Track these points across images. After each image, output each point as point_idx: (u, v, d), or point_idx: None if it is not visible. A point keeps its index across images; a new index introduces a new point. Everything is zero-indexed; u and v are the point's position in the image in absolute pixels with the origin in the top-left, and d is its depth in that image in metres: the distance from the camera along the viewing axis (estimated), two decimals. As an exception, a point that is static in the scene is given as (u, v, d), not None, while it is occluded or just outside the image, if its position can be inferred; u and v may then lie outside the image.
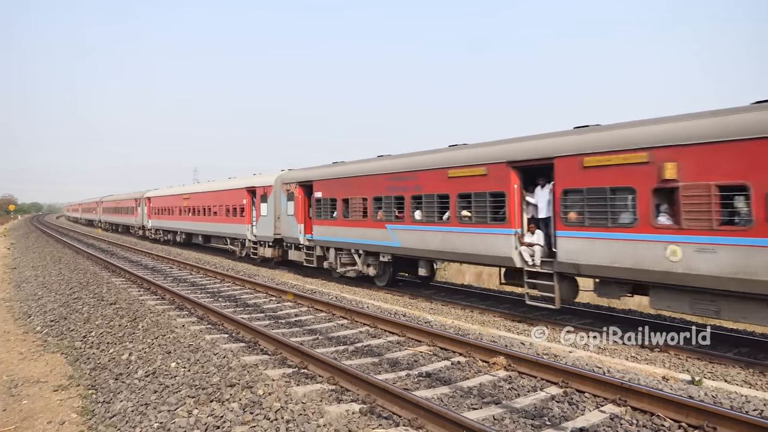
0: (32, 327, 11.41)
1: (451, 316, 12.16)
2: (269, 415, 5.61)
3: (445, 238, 13.06)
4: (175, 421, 5.64)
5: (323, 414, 5.67)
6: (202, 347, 8.33)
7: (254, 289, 15.03)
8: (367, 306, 12.44)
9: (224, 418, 5.59)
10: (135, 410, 6.23)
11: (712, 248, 8.13)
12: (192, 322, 10.58)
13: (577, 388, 6.64)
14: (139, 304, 12.19)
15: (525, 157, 11.20)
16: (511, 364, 7.49)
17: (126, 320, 10.73)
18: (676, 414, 5.69)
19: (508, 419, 5.83)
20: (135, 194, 44.81)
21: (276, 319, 11.23)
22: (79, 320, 11.25)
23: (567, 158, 10.20)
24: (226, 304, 12.90)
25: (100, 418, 6.34)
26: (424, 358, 8.26)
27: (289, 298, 13.30)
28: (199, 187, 32.80)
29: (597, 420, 5.76)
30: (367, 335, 9.76)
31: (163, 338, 9.14)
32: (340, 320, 10.97)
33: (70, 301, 13.26)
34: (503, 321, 11.67)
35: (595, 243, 9.71)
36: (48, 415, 6.61)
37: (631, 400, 6.06)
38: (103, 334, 9.98)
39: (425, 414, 5.47)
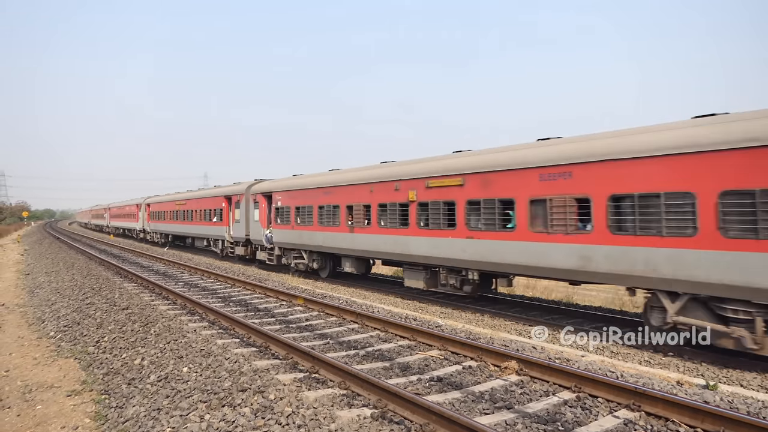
0: (46, 332, 11.51)
1: (462, 320, 12.12)
2: (281, 419, 5.61)
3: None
4: (188, 426, 5.66)
5: (334, 419, 5.66)
6: (214, 352, 8.36)
7: (265, 293, 15.08)
8: (378, 310, 12.42)
9: (236, 422, 5.60)
10: (147, 415, 6.27)
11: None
12: (203, 327, 10.63)
13: (590, 392, 6.58)
14: (151, 309, 12.27)
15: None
16: (523, 368, 7.44)
17: (138, 325, 10.80)
18: (691, 419, 5.62)
19: (520, 424, 5.78)
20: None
21: (287, 323, 11.25)
22: (92, 325, 11.34)
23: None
24: (237, 308, 12.95)
25: (113, 423, 6.38)
26: (435, 362, 8.23)
27: (299, 303, 13.32)
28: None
29: (611, 425, 5.70)
30: (378, 339, 9.74)
31: (175, 343, 9.18)
32: (351, 324, 10.97)
33: (83, 307, 13.37)
34: (514, 325, 11.61)
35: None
36: (62, 420, 6.66)
37: (645, 405, 5.99)
38: (116, 339, 10.05)
39: (437, 419, 5.44)
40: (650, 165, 9.14)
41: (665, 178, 8.92)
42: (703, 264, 8.37)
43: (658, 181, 8.99)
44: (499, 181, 12.07)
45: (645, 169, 9.22)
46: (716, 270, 8.23)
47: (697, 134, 8.70)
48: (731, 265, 8.04)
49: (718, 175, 8.23)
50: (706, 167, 8.39)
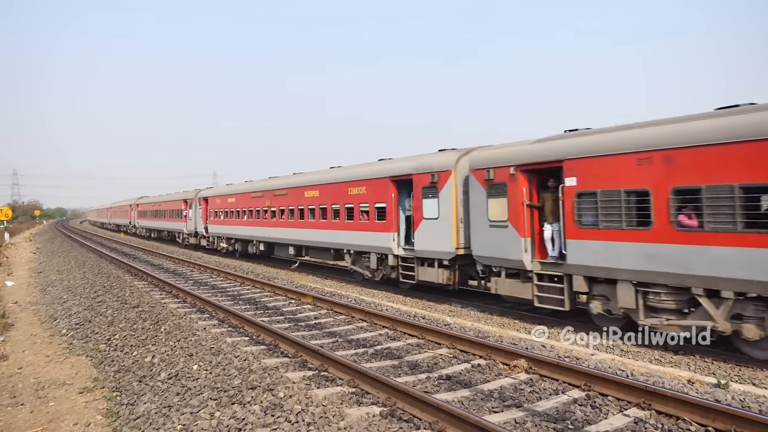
0: (58, 330, 11.64)
1: (471, 318, 12.10)
2: (290, 417, 5.64)
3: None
4: (198, 423, 5.70)
5: (344, 417, 5.68)
6: (224, 350, 8.41)
7: (274, 292, 15.14)
8: (386, 309, 12.43)
9: (246, 420, 5.63)
10: (158, 412, 6.32)
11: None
12: (213, 325, 10.69)
13: (600, 391, 6.55)
14: (161, 308, 12.36)
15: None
16: (532, 366, 7.42)
17: (149, 323, 10.88)
18: (702, 418, 5.58)
19: (529, 423, 5.77)
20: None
21: (296, 321, 11.29)
22: (103, 323, 11.45)
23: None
24: (246, 307, 13.01)
25: (124, 420, 6.44)
26: (444, 360, 8.23)
27: (308, 301, 13.36)
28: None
29: (621, 424, 5.68)
30: (387, 338, 9.75)
31: (185, 341, 9.25)
32: (360, 323, 10.99)
33: (95, 305, 13.50)
34: (523, 323, 11.57)
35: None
36: (74, 417, 6.73)
37: (656, 404, 5.96)
38: (127, 336, 10.14)
39: (446, 417, 5.45)
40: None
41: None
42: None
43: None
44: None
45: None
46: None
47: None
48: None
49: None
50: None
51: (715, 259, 8.04)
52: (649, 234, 8.88)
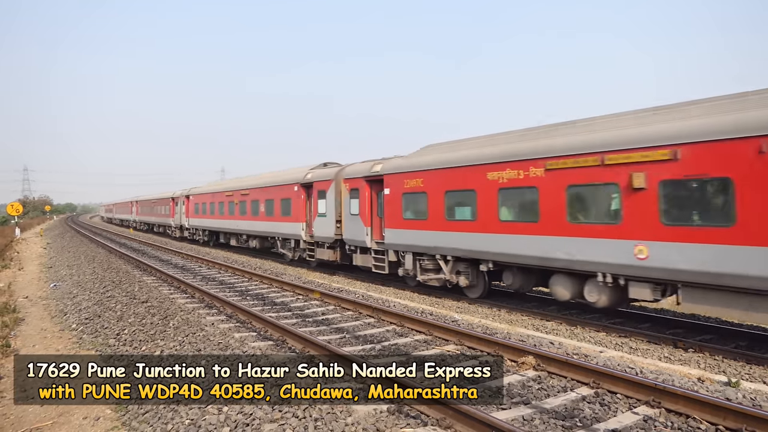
0: (68, 324, 11.72)
1: (479, 314, 12.07)
2: (297, 413, 5.65)
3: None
4: (206, 418, 5.73)
5: (351, 413, 5.69)
6: (231, 345, 8.44)
7: (281, 287, 15.17)
8: (394, 305, 12.43)
9: (253, 415, 5.65)
10: (167, 407, 6.35)
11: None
12: (221, 320, 10.74)
13: (609, 388, 6.51)
14: (169, 303, 12.42)
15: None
16: (541, 363, 7.39)
17: (157, 318, 10.95)
18: (712, 417, 5.53)
19: (537, 420, 5.75)
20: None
21: (303, 317, 11.31)
22: (113, 318, 11.53)
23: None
24: (254, 302, 13.05)
25: (133, 414, 6.48)
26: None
27: (315, 297, 13.39)
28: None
29: (630, 422, 5.65)
30: (394, 334, 9.75)
31: (193, 336, 9.29)
32: (367, 319, 10.99)
33: (104, 300, 13.59)
34: (531, 320, 11.54)
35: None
36: (83, 411, 6.78)
37: (666, 402, 5.92)
38: (136, 331, 10.20)
39: (453, 413, 5.44)
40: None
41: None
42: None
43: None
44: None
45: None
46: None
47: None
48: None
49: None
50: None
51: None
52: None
